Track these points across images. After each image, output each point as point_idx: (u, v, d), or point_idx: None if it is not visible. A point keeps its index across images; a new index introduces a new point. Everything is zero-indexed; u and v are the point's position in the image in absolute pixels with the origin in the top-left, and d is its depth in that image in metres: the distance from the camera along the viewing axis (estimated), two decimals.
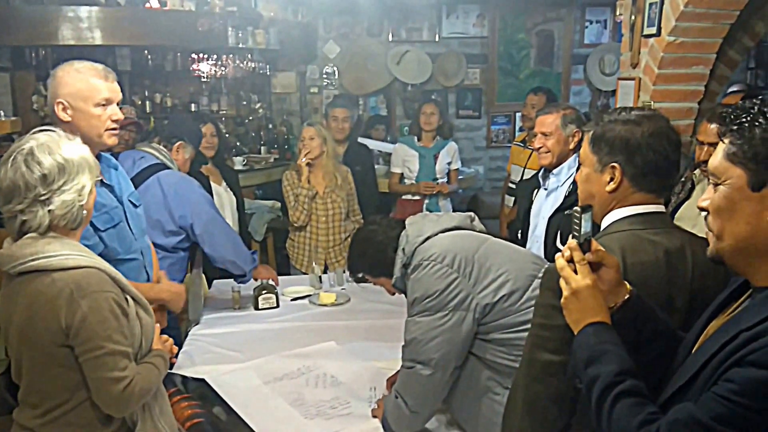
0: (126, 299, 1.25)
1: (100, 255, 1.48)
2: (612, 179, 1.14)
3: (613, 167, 1.14)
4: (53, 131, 1.24)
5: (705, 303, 0.96)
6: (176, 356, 1.66)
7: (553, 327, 1.04)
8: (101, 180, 1.61)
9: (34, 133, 1.23)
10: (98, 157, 1.68)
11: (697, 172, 2.00)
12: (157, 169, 2.20)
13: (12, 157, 1.18)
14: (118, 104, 1.61)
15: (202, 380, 1.78)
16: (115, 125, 1.59)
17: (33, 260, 1.17)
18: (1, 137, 3.01)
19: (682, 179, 2.07)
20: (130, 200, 1.72)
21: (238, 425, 1.60)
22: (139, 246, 1.71)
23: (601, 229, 1.18)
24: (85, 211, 1.24)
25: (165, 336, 1.43)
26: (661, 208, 1.17)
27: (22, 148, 1.19)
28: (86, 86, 1.54)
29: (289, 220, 2.96)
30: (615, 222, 1.15)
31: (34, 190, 1.16)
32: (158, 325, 1.44)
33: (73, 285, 1.16)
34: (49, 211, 1.18)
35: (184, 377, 1.80)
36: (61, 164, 1.18)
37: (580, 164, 1.22)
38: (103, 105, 1.56)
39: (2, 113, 2.97)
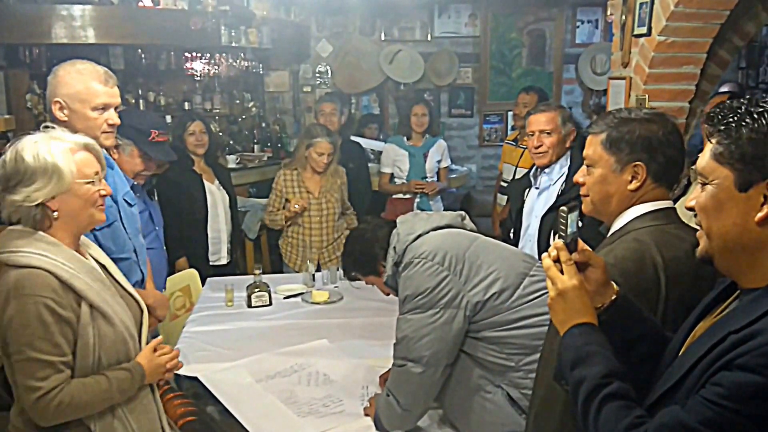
0: (79, 305, 1.20)
1: None
2: (635, 178, 1.16)
3: (636, 166, 1.16)
4: (50, 129, 1.26)
5: None
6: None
7: None
8: None
9: (44, 127, 1.26)
10: None
11: (693, 168, 2.02)
12: None
13: None
14: (116, 108, 1.61)
15: (195, 379, 1.78)
16: (111, 129, 1.59)
17: (1, 253, 1.19)
18: None
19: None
20: (125, 199, 1.72)
21: (230, 424, 1.60)
22: (133, 245, 1.71)
23: (617, 227, 1.18)
24: (55, 213, 1.23)
25: (167, 347, 1.37)
26: (671, 202, 1.19)
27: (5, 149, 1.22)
28: (85, 89, 1.54)
29: (264, 216, 2.95)
30: (637, 218, 1.16)
31: None
32: (160, 338, 1.40)
33: (12, 284, 1.16)
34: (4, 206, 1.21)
35: (177, 375, 1.80)
36: (18, 167, 1.20)
37: (588, 166, 1.22)
38: (101, 109, 1.56)
39: None
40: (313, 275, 2.61)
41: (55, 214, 1.23)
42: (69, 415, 1.20)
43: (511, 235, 2.35)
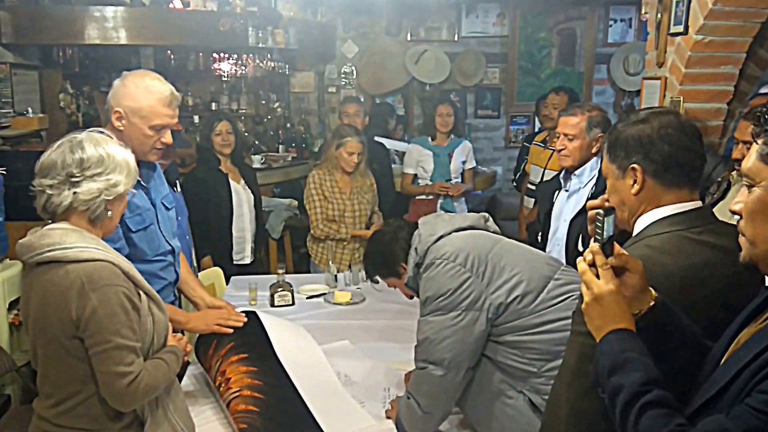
0: (139, 294, 1.25)
1: (127, 256, 1.49)
2: (635, 181, 1.12)
3: (633, 168, 1.12)
4: (108, 135, 1.30)
5: None
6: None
7: None
8: (138, 181, 1.63)
9: (91, 130, 1.28)
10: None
11: (734, 173, 1.94)
12: None
13: (61, 143, 1.24)
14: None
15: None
16: (162, 146, 1.62)
17: (49, 251, 1.19)
18: (29, 133, 3.08)
19: (719, 179, 2.01)
20: (162, 203, 1.74)
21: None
22: (168, 248, 1.71)
23: (635, 234, 1.14)
24: (109, 212, 1.25)
25: (179, 335, 1.43)
26: (698, 203, 1.13)
27: (75, 137, 1.24)
28: (149, 107, 1.56)
29: (315, 223, 2.83)
30: (652, 224, 1.11)
31: (67, 169, 1.20)
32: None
33: (84, 277, 1.17)
34: (74, 193, 1.20)
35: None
36: (102, 156, 1.22)
37: (606, 179, 1.20)
38: (158, 129, 1.59)
39: (30, 110, 3.04)
40: (336, 276, 2.60)
41: (109, 213, 1.25)
42: (149, 396, 1.25)
43: (539, 238, 2.30)
